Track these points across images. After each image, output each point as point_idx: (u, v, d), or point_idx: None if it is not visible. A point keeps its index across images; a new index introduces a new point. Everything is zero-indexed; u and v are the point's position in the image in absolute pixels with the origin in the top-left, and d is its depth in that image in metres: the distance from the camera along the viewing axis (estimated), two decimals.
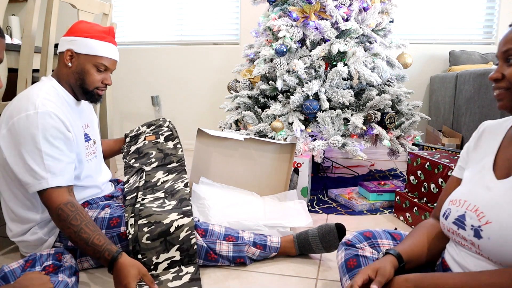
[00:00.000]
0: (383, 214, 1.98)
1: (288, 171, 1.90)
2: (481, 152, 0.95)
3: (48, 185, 1.19)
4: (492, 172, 0.88)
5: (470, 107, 2.27)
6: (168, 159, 1.63)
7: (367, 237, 1.09)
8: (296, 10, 2.15)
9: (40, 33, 1.69)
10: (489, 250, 0.80)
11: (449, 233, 0.91)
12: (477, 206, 0.84)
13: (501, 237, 0.77)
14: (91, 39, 1.33)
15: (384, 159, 3.15)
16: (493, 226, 0.79)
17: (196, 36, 3.63)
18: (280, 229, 1.56)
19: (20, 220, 1.32)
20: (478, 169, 0.92)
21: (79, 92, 1.39)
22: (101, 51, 1.35)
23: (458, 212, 0.88)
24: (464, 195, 0.89)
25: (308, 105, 2.08)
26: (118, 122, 3.85)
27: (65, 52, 1.34)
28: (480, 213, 0.83)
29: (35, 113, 1.20)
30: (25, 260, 1.14)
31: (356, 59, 2.11)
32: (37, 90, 1.28)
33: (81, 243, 1.16)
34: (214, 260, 1.38)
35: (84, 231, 1.15)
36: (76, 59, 1.34)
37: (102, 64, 1.35)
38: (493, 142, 0.93)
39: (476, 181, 0.90)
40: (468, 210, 0.85)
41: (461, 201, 0.89)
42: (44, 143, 1.20)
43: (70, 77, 1.36)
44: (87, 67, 1.34)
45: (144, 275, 1.13)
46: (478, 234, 0.82)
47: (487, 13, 3.08)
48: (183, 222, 1.30)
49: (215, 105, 3.51)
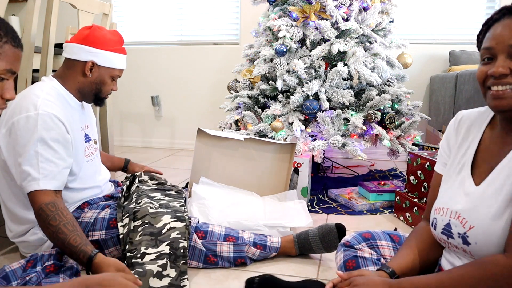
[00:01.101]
0: (383, 214, 1.98)
1: (288, 171, 1.90)
2: (462, 147, 0.93)
3: (38, 187, 1.17)
4: (470, 177, 0.87)
5: (470, 107, 2.26)
6: (167, 187, 1.62)
7: (366, 238, 1.08)
8: (296, 10, 2.15)
9: (40, 33, 1.69)
10: (480, 254, 0.80)
11: (441, 242, 0.90)
12: (459, 212, 0.84)
13: (486, 240, 0.78)
14: (113, 53, 1.38)
15: (384, 159, 3.15)
16: (477, 230, 0.79)
17: (196, 36, 3.63)
18: (280, 229, 1.56)
19: (19, 220, 1.32)
20: (458, 170, 0.91)
21: (91, 98, 1.43)
22: (120, 64, 1.42)
23: (443, 221, 0.87)
24: (446, 203, 0.88)
25: (308, 105, 2.08)
26: (118, 122, 3.85)
27: (86, 63, 1.35)
28: (463, 219, 0.82)
29: (36, 114, 1.20)
30: (26, 260, 1.14)
31: (356, 59, 2.11)
32: (38, 90, 1.27)
33: (58, 243, 1.13)
34: (213, 263, 1.38)
35: (62, 231, 1.12)
36: (96, 71, 1.37)
37: (117, 75, 1.43)
38: (472, 137, 0.91)
39: (456, 187, 0.89)
40: (452, 218, 0.85)
41: (443, 209, 0.88)
42: (42, 145, 1.19)
43: (86, 85, 1.38)
44: (105, 79, 1.40)
45: (122, 270, 1.07)
46: (466, 241, 0.82)
47: (487, 13, 3.08)
48: (175, 225, 1.28)
49: (215, 105, 3.51)
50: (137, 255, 1.21)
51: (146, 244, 1.23)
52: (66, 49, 1.37)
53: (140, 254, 1.21)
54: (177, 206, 1.44)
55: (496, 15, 0.82)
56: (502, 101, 0.79)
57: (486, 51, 0.82)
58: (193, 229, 1.36)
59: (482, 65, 0.83)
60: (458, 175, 0.90)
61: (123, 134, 3.86)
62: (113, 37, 1.40)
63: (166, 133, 3.79)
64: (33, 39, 1.65)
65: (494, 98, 0.80)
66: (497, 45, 0.79)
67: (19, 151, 1.19)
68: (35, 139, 1.19)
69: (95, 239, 1.33)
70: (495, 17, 0.82)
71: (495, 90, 0.79)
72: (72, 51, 1.35)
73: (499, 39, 0.79)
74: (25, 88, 1.41)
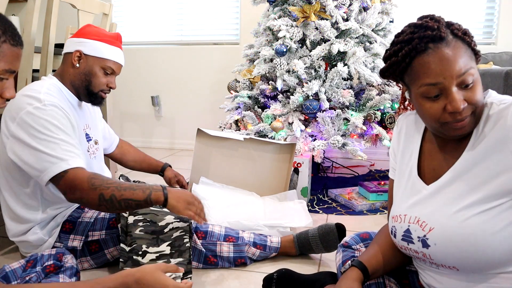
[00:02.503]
0: (383, 214, 1.98)
1: (288, 171, 1.90)
2: (405, 152, 0.94)
3: (69, 165, 1.13)
4: (420, 179, 0.87)
5: None
6: None
7: (363, 238, 1.09)
8: (296, 10, 2.15)
9: (40, 33, 1.69)
10: (438, 256, 0.80)
11: (403, 250, 0.89)
12: (418, 217, 0.84)
13: (445, 240, 0.78)
14: (100, 42, 1.35)
15: (384, 159, 3.15)
16: (436, 231, 0.80)
17: (196, 36, 3.63)
18: (280, 229, 1.57)
19: (19, 219, 1.32)
20: (406, 175, 0.91)
21: (84, 94, 1.39)
22: (109, 54, 1.37)
23: (402, 228, 0.87)
24: (403, 210, 0.88)
25: (308, 105, 2.08)
26: (118, 122, 3.85)
27: (73, 53, 1.34)
28: (423, 222, 0.82)
29: (44, 105, 1.19)
30: (26, 260, 1.14)
31: (356, 59, 2.11)
32: (38, 86, 1.27)
33: (128, 191, 1.11)
34: (213, 264, 1.38)
35: (123, 183, 1.14)
36: (84, 61, 1.35)
37: (109, 67, 1.37)
38: (413, 145, 0.92)
39: (409, 192, 0.89)
40: (411, 223, 0.85)
41: (401, 216, 0.88)
42: (57, 130, 1.18)
43: (76, 77, 1.36)
44: (95, 69, 1.36)
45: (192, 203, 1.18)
46: (425, 244, 0.82)
47: (487, 13, 3.09)
48: (178, 225, 1.29)
49: (215, 105, 3.51)
50: (138, 252, 1.21)
51: (148, 242, 1.24)
52: (64, 48, 1.39)
53: (142, 251, 1.22)
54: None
55: (418, 45, 0.77)
56: (464, 129, 0.78)
57: (433, 88, 0.76)
58: (193, 229, 1.36)
59: (430, 101, 0.77)
60: (408, 181, 0.90)
61: (123, 134, 3.86)
62: (107, 33, 1.39)
63: (166, 133, 3.79)
64: (33, 39, 1.65)
65: (457, 129, 0.78)
66: (445, 79, 0.75)
67: (33, 142, 1.15)
68: (50, 126, 1.17)
69: (95, 239, 1.33)
70: (418, 48, 0.77)
71: (459, 123, 0.77)
72: (65, 46, 1.37)
73: (445, 73, 0.74)
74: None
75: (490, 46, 3.06)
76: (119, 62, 1.40)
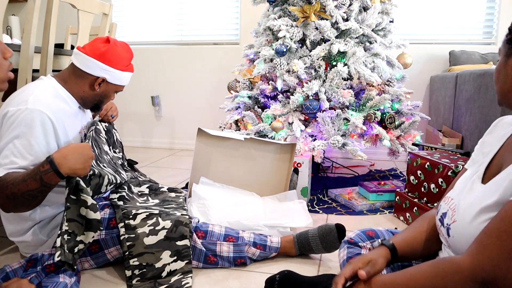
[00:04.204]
0: (383, 214, 1.98)
1: (288, 171, 1.90)
2: (486, 149, 0.94)
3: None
4: (481, 175, 0.88)
5: (470, 107, 2.27)
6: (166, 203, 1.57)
7: (370, 236, 1.09)
8: (296, 10, 2.15)
9: (40, 33, 1.69)
10: (455, 248, 0.83)
11: (438, 228, 0.92)
12: (456, 205, 0.85)
13: (460, 236, 0.80)
14: (124, 72, 1.43)
15: (384, 159, 3.16)
16: (456, 225, 0.82)
17: (196, 36, 3.63)
18: (280, 229, 1.56)
19: (18, 219, 1.32)
20: (476, 167, 0.92)
21: (89, 106, 1.46)
22: (127, 81, 1.47)
23: (444, 209, 0.89)
24: (454, 195, 0.90)
25: (308, 105, 2.08)
26: (118, 122, 3.85)
27: (97, 79, 1.38)
28: (454, 212, 0.84)
29: (26, 109, 1.20)
30: (26, 260, 1.14)
31: (356, 59, 2.11)
32: (32, 87, 1.28)
33: (21, 185, 1.09)
34: (213, 263, 1.38)
35: (18, 176, 1.11)
36: (104, 86, 1.41)
37: (121, 90, 1.48)
38: (497, 142, 0.92)
39: (469, 182, 0.90)
40: (450, 209, 0.87)
41: (449, 199, 0.90)
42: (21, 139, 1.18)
43: (90, 96, 1.42)
44: (110, 93, 1.46)
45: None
46: (448, 232, 0.84)
47: (487, 13, 3.08)
48: (176, 267, 1.29)
49: (215, 105, 3.51)
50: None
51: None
52: (79, 59, 1.36)
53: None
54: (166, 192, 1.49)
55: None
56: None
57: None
58: (193, 229, 1.37)
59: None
60: (474, 174, 0.91)
61: (123, 134, 3.86)
62: (126, 55, 1.43)
63: (166, 133, 3.79)
64: (33, 39, 1.65)
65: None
66: None
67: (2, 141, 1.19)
68: (16, 132, 1.18)
69: (95, 239, 1.33)
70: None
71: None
72: (86, 64, 1.36)
73: None
74: None
75: (490, 46, 3.07)
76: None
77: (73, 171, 1.12)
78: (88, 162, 1.15)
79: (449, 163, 1.61)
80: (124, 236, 1.29)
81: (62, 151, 1.13)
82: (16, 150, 1.17)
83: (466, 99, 2.34)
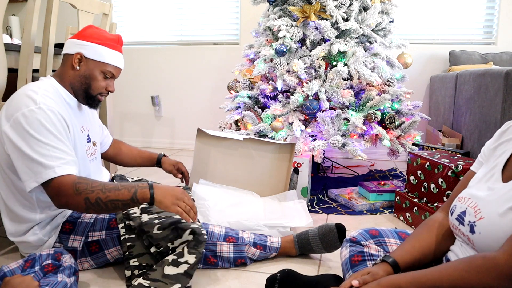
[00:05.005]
0: (383, 214, 1.98)
1: (288, 171, 1.89)
2: (499, 151, 0.95)
3: (55, 174, 1.14)
4: (500, 174, 0.89)
5: (470, 107, 2.27)
6: None
7: (373, 235, 1.08)
8: (296, 10, 2.15)
9: (40, 33, 1.69)
10: (480, 244, 0.83)
11: (453, 228, 0.92)
12: (477, 203, 0.87)
13: (489, 232, 0.81)
14: (102, 46, 1.34)
15: (384, 159, 3.15)
16: (484, 222, 0.82)
17: (196, 36, 3.63)
18: (280, 229, 1.56)
19: (18, 219, 1.32)
20: (490, 168, 0.93)
21: (82, 96, 1.39)
22: (110, 59, 1.36)
23: (461, 208, 0.90)
24: (469, 194, 0.91)
25: (308, 105, 2.08)
26: (118, 122, 3.86)
27: (74, 55, 1.33)
28: (478, 209, 0.85)
29: (38, 108, 1.19)
30: (24, 260, 1.14)
31: (356, 59, 2.11)
32: (35, 87, 1.27)
33: (113, 192, 1.14)
34: (213, 264, 1.38)
35: (109, 184, 1.15)
36: (84, 64, 1.35)
37: (109, 71, 1.37)
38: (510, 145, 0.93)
39: (484, 181, 0.92)
40: (469, 207, 0.88)
41: (465, 198, 0.91)
42: (48, 135, 1.18)
43: (76, 80, 1.36)
44: (95, 73, 1.35)
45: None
46: (472, 229, 0.85)
47: (487, 13, 3.08)
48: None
49: (215, 105, 3.51)
50: (169, 252, 1.23)
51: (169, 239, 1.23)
52: (64, 47, 1.37)
53: (171, 250, 1.23)
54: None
55: None
56: None
57: None
58: None
59: None
60: (489, 172, 0.92)
61: (123, 134, 3.86)
62: (108, 35, 1.38)
63: (166, 133, 3.79)
64: (33, 39, 1.65)
65: None
66: None
67: (24, 146, 1.16)
68: (41, 131, 1.17)
69: (95, 240, 1.33)
70: None
71: None
72: (66, 47, 1.36)
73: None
74: None
75: (490, 46, 3.06)
76: (119, 67, 1.40)
77: (163, 200, 1.17)
78: (178, 203, 1.18)
79: (449, 163, 1.61)
80: (124, 236, 1.28)
81: (161, 186, 1.19)
82: (52, 148, 1.17)
83: (466, 99, 2.34)
